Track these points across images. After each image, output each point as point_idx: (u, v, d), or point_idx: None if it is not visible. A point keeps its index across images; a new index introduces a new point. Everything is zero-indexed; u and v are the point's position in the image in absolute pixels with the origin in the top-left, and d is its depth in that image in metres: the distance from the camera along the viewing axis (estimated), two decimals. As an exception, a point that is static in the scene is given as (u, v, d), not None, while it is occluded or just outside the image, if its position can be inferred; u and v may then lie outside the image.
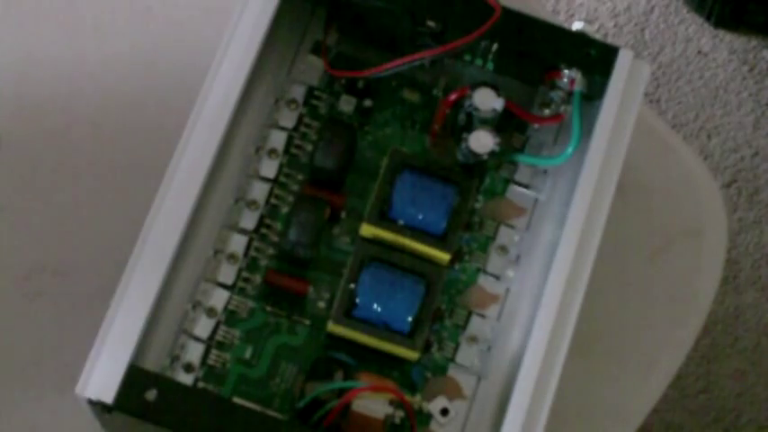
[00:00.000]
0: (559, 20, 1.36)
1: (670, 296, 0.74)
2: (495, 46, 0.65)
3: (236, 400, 0.59)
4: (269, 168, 0.66)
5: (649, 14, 1.44)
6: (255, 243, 0.65)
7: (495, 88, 0.64)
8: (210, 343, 0.63)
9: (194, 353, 0.62)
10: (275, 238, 0.65)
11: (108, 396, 0.56)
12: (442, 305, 0.65)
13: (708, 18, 1.44)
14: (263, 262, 0.65)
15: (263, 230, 0.65)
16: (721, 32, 1.44)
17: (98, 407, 0.56)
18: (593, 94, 0.65)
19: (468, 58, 0.67)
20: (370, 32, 0.67)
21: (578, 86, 0.64)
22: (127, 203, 0.71)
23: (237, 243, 0.64)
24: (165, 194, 0.60)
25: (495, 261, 0.66)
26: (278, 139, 0.67)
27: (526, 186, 0.68)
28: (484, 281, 0.66)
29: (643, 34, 1.43)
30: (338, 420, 0.59)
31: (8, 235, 0.71)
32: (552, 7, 1.43)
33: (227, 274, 0.64)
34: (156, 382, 0.56)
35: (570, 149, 0.64)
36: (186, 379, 0.62)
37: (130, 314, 0.57)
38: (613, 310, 0.72)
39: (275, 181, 0.66)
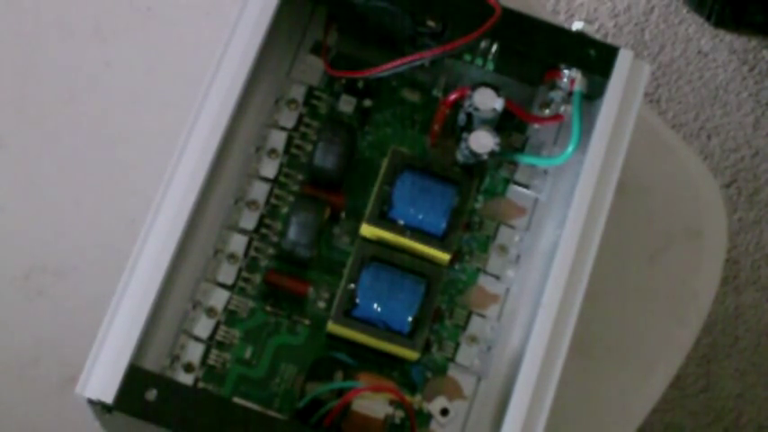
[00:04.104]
0: (559, 20, 1.36)
1: (670, 296, 0.74)
2: (495, 46, 0.65)
3: (236, 400, 0.59)
4: (269, 168, 0.66)
5: (649, 14, 1.44)
6: (255, 243, 0.65)
7: (495, 88, 0.64)
8: (210, 343, 0.63)
9: (194, 353, 0.62)
10: (275, 238, 0.65)
11: (108, 396, 0.56)
12: (442, 305, 0.65)
13: (708, 18, 1.44)
14: (263, 262, 0.65)
15: (263, 230, 0.65)
16: (721, 32, 1.44)
17: (98, 407, 0.56)
18: (593, 94, 0.65)
19: (468, 58, 0.67)
20: (370, 32, 0.67)
21: (578, 86, 0.64)
22: (127, 203, 0.71)
23: (237, 243, 0.64)
24: (165, 194, 0.59)
25: (495, 261, 0.66)
26: (278, 139, 0.67)
27: (526, 186, 0.68)
28: (484, 281, 0.66)
29: (643, 34, 1.43)
30: (338, 420, 0.59)
31: (8, 235, 0.71)
32: (552, 7, 1.43)
33: (227, 274, 0.64)
34: (156, 382, 0.56)
35: (570, 149, 0.64)
36: (186, 379, 0.62)
37: (130, 314, 0.57)
38: (613, 309, 0.72)
39: (275, 181, 0.66)
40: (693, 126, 1.40)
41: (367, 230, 0.63)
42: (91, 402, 0.56)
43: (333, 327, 0.62)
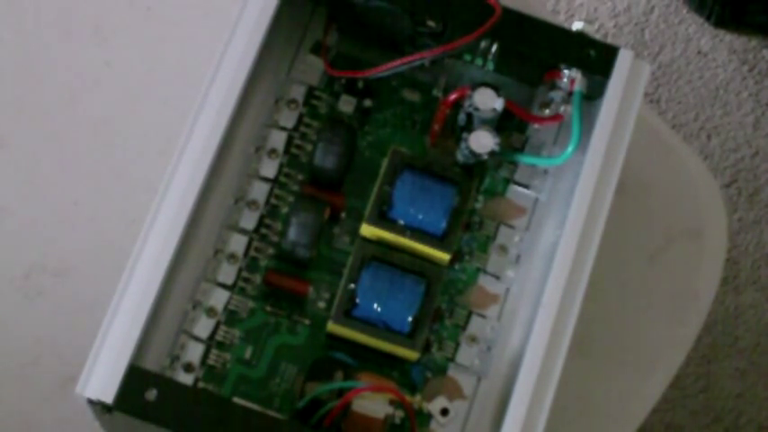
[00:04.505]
0: (559, 20, 1.36)
1: (670, 296, 0.74)
2: (495, 46, 0.65)
3: (236, 400, 0.59)
4: (269, 168, 0.66)
5: (649, 14, 1.44)
6: (255, 243, 0.65)
7: (495, 88, 0.64)
8: (210, 343, 0.63)
9: (194, 353, 0.62)
10: (275, 238, 0.65)
11: (108, 396, 0.56)
12: (442, 305, 0.65)
13: (708, 18, 1.44)
14: (263, 262, 0.65)
15: (263, 230, 0.65)
16: (721, 32, 1.44)
17: (98, 407, 0.56)
18: (593, 94, 0.65)
19: (468, 58, 0.67)
20: (370, 32, 0.67)
21: (578, 86, 0.64)
22: (127, 203, 0.71)
23: (237, 243, 0.64)
24: (165, 194, 0.59)
25: (495, 261, 0.66)
26: (278, 139, 0.67)
27: (526, 186, 0.68)
28: (484, 281, 0.66)
29: (643, 34, 1.43)
30: (338, 420, 0.59)
31: (8, 235, 0.71)
32: (552, 7, 1.43)
33: (227, 274, 0.64)
34: (156, 382, 0.56)
35: (570, 149, 0.64)
36: (186, 379, 0.62)
37: (130, 314, 0.57)
38: (613, 309, 0.72)
39: (275, 181, 0.66)
40: (693, 126, 1.40)
41: (367, 230, 0.63)
42: (91, 402, 0.56)
43: (333, 327, 0.62)
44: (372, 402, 0.60)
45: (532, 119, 0.67)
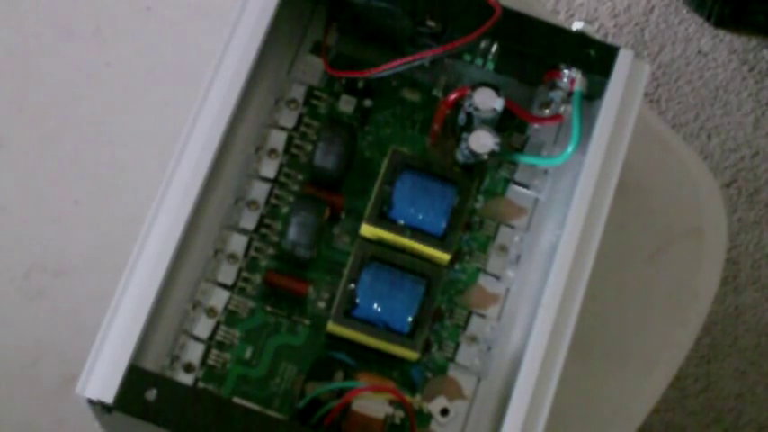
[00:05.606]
0: (559, 20, 1.36)
1: (670, 296, 0.74)
2: (495, 46, 0.65)
3: (236, 400, 0.59)
4: (269, 168, 0.66)
5: (649, 14, 1.44)
6: (255, 243, 0.65)
7: (495, 88, 0.64)
8: (210, 343, 0.63)
9: (194, 353, 0.62)
10: (275, 238, 0.65)
11: (108, 396, 0.56)
12: (442, 305, 0.65)
13: (708, 18, 1.44)
14: (263, 262, 0.65)
15: (263, 230, 0.65)
16: (721, 32, 1.44)
17: (98, 407, 0.56)
18: (593, 94, 0.65)
19: (468, 58, 0.67)
20: (370, 32, 0.67)
21: (578, 86, 0.64)
22: (127, 203, 0.71)
23: (237, 243, 0.64)
24: (165, 194, 0.59)
25: (495, 261, 0.66)
26: (278, 139, 0.67)
27: (526, 186, 0.68)
28: (484, 281, 0.66)
29: (643, 34, 1.43)
30: (338, 420, 0.59)
31: (8, 235, 0.71)
32: (552, 7, 1.43)
33: (227, 274, 0.64)
34: (156, 382, 0.56)
35: (570, 149, 0.64)
36: (186, 379, 0.62)
37: (130, 314, 0.57)
38: (613, 310, 0.72)
39: (275, 181, 0.66)
40: (693, 126, 1.40)
41: (367, 230, 0.63)
42: (91, 402, 0.56)
43: (333, 327, 0.62)
44: (372, 402, 0.60)
45: (532, 119, 0.67)
